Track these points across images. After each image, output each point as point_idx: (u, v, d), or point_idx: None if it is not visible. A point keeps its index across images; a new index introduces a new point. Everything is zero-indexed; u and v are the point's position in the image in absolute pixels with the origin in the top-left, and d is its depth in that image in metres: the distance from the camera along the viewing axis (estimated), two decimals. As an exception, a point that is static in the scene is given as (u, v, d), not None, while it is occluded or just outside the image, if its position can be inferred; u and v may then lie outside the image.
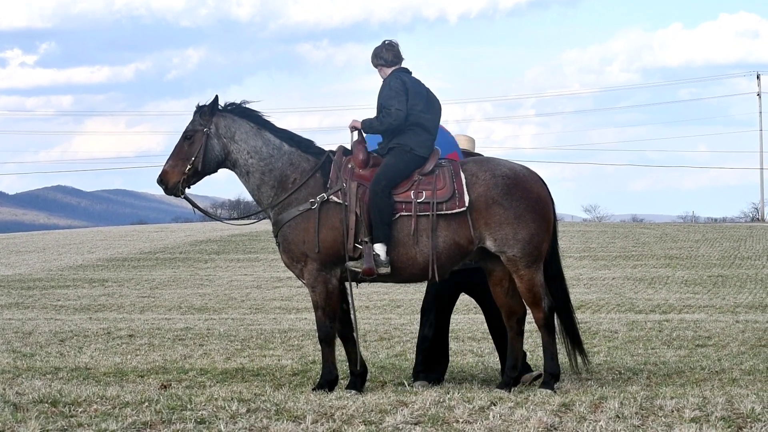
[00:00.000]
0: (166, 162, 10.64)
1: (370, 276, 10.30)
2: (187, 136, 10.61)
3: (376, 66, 10.74)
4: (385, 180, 10.33)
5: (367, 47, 10.80)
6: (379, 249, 10.25)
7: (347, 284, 10.50)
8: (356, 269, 10.30)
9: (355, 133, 10.61)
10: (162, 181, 10.62)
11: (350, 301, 10.57)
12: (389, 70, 10.64)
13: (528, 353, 13.48)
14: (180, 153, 10.61)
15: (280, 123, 10.74)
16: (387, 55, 10.68)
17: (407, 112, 10.41)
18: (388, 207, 10.28)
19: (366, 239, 10.25)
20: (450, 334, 18.10)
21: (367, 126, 10.55)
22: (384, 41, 10.75)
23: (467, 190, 10.32)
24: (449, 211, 10.30)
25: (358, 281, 10.52)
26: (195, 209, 10.95)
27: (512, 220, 10.28)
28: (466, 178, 10.36)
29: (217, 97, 10.66)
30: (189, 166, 10.57)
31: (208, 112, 10.61)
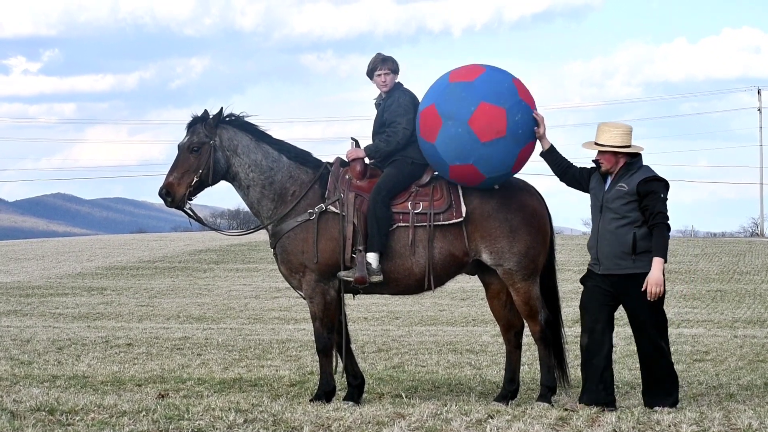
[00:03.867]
0: (170, 174, 10.47)
1: (362, 284, 10.31)
2: (194, 148, 10.51)
3: (384, 71, 10.60)
4: (386, 190, 10.35)
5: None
6: (372, 258, 10.27)
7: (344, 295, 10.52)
8: (348, 278, 10.31)
9: (353, 143, 10.62)
10: (168, 193, 10.44)
11: (343, 312, 10.56)
12: (394, 80, 10.62)
13: (526, 366, 13.49)
14: (185, 164, 10.49)
15: (282, 133, 10.74)
16: (394, 65, 10.66)
17: (412, 129, 10.44)
18: (386, 217, 10.30)
19: (360, 248, 10.27)
20: (449, 347, 18.18)
21: (372, 151, 10.50)
22: (380, 53, 10.73)
23: (464, 202, 10.34)
24: (446, 222, 10.32)
25: (354, 292, 10.53)
26: (191, 221, 10.86)
27: (508, 233, 10.29)
28: (462, 190, 10.39)
29: (222, 108, 10.64)
30: (196, 178, 10.50)
31: (213, 124, 10.57)
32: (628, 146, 9.86)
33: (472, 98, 10.07)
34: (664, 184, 9.83)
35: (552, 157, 10.32)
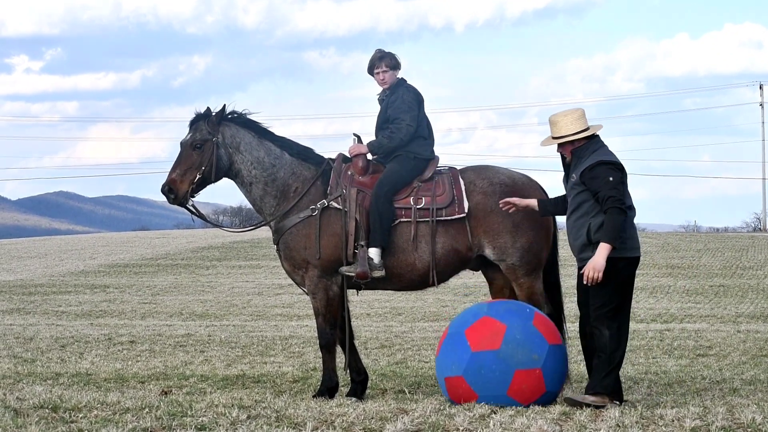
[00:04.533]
0: (173, 171, 10.48)
1: (364, 279, 10.31)
2: (197, 145, 10.51)
3: (382, 69, 10.61)
4: (388, 186, 10.35)
5: (374, 55, 10.72)
6: (374, 253, 10.28)
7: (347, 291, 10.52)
8: (350, 273, 10.31)
9: (355, 139, 10.63)
10: (171, 190, 10.46)
11: (346, 308, 10.56)
12: (394, 76, 10.61)
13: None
14: (188, 161, 10.49)
15: (284, 130, 10.74)
16: (392, 62, 10.64)
17: (416, 126, 10.44)
18: (389, 212, 10.30)
19: (362, 243, 10.28)
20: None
21: (376, 147, 10.51)
22: (380, 50, 10.71)
23: (466, 197, 10.34)
24: (448, 217, 10.33)
25: (357, 288, 10.53)
26: (194, 218, 10.88)
27: (510, 229, 10.29)
28: (465, 185, 10.39)
29: (225, 105, 10.64)
30: (199, 175, 10.51)
31: (216, 121, 10.57)
32: (585, 129, 9.53)
33: (506, 368, 9.34)
34: (612, 167, 9.36)
35: (549, 209, 9.99)
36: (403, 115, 10.45)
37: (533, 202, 10.03)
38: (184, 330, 21.08)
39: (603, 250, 9.24)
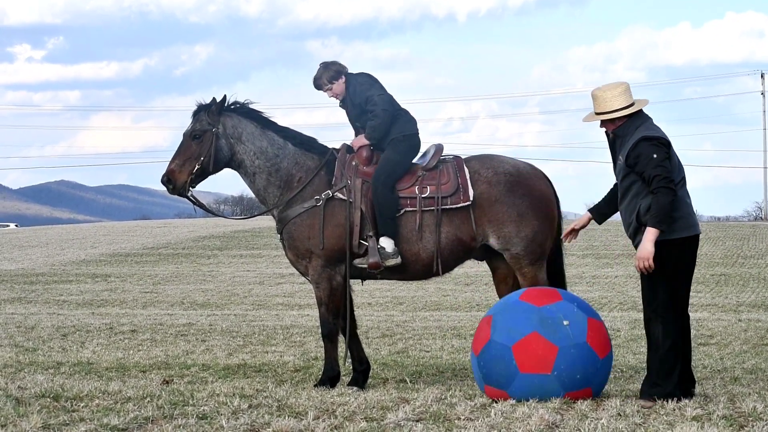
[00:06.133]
0: (172, 161, 10.50)
1: (377, 269, 10.30)
2: (196, 136, 10.52)
3: (327, 89, 10.56)
4: (385, 174, 10.34)
5: (376, 45, 10.79)
6: (385, 242, 10.26)
7: (350, 281, 10.51)
8: (362, 265, 10.31)
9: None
10: (169, 180, 10.49)
11: (349, 297, 10.56)
12: (342, 84, 10.59)
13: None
14: (188, 152, 10.51)
15: (286, 119, 10.73)
16: (331, 75, 10.58)
17: (387, 94, 10.47)
18: (390, 201, 10.28)
19: (371, 234, 10.28)
20: (453, 332, 18.19)
21: (370, 132, 10.48)
22: (318, 68, 10.68)
23: (471, 186, 10.34)
24: (454, 206, 10.32)
25: (364, 278, 10.53)
26: (196, 208, 10.90)
27: (515, 218, 10.28)
28: (469, 174, 10.38)
29: (225, 96, 10.63)
30: (198, 166, 10.51)
31: (216, 112, 10.56)
32: (630, 104, 8.96)
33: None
34: (655, 142, 8.78)
35: (605, 210, 9.46)
36: (369, 92, 10.47)
37: (587, 217, 9.51)
38: (185, 319, 21.09)
39: (650, 234, 8.76)
